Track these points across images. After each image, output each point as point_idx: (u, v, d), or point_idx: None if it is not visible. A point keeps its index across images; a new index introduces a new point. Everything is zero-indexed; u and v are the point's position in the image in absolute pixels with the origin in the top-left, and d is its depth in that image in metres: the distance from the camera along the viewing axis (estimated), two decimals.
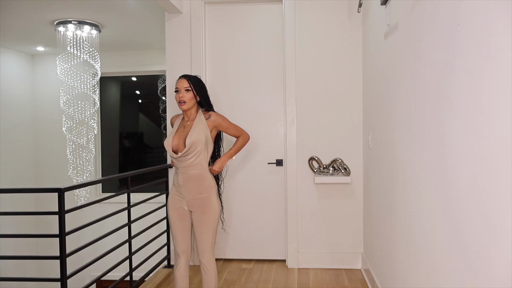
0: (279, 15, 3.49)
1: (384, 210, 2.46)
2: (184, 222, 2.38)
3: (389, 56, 2.27)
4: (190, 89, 2.34)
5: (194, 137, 2.29)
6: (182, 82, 2.34)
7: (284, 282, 3.10)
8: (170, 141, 2.36)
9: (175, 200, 2.38)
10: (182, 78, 2.37)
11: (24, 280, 2.28)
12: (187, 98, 2.32)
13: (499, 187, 0.99)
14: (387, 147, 2.35)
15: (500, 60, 0.98)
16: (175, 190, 2.40)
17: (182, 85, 2.33)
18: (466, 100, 1.19)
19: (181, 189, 2.34)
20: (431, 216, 1.53)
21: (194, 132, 2.31)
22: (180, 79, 2.37)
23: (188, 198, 2.33)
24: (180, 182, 2.34)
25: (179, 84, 2.35)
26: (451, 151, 1.31)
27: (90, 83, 4.60)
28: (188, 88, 2.33)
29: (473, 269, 1.16)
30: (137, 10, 3.91)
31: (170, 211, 2.39)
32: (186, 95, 2.32)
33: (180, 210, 2.37)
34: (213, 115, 2.39)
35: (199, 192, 2.32)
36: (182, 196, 2.35)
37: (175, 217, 2.38)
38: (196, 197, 2.32)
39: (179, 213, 2.37)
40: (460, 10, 1.23)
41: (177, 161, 2.34)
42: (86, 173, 4.77)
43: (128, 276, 2.87)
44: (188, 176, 2.33)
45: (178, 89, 2.34)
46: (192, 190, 2.33)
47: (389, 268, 2.35)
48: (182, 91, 2.33)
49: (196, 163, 2.33)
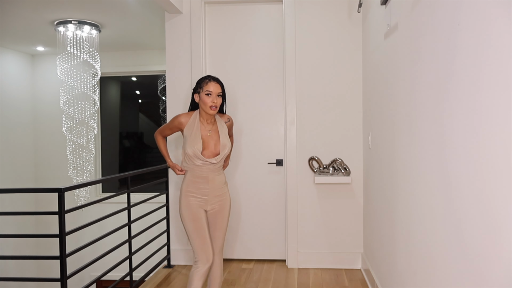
0: (279, 15, 3.49)
1: (384, 210, 2.46)
2: (206, 225, 2.31)
3: (389, 56, 2.27)
4: (221, 95, 2.30)
5: (226, 142, 2.32)
6: (215, 87, 2.27)
7: (284, 282, 3.10)
8: (201, 147, 2.27)
9: (195, 204, 2.28)
10: (215, 82, 2.29)
11: (24, 280, 2.28)
12: (218, 103, 2.28)
13: (499, 187, 0.99)
14: (387, 147, 2.35)
15: (500, 60, 0.98)
16: (193, 194, 2.29)
17: (216, 90, 2.26)
18: (466, 99, 1.19)
19: (203, 191, 2.28)
20: (431, 216, 1.53)
21: (223, 136, 2.33)
22: (213, 83, 2.29)
23: (211, 197, 2.30)
24: (204, 185, 2.29)
25: (213, 87, 2.26)
26: (451, 151, 1.31)
27: (90, 83, 4.60)
28: (220, 94, 2.29)
29: (473, 269, 1.16)
30: (137, 10, 3.91)
31: (193, 216, 2.27)
32: (218, 101, 2.27)
33: (202, 213, 2.30)
34: (231, 119, 2.45)
35: (220, 188, 2.34)
36: (202, 197, 2.29)
37: (201, 221, 2.27)
38: (217, 194, 2.33)
39: (202, 216, 2.29)
40: (460, 10, 1.23)
41: (206, 165, 2.29)
42: (86, 173, 4.77)
43: (128, 276, 2.87)
44: (214, 177, 2.31)
45: (210, 93, 2.25)
46: (215, 189, 2.32)
47: (389, 268, 2.35)
48: (214, 95, 2.26)
49: (220, 164, 2.36)
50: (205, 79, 2.30)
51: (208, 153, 2.29)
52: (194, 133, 2.28)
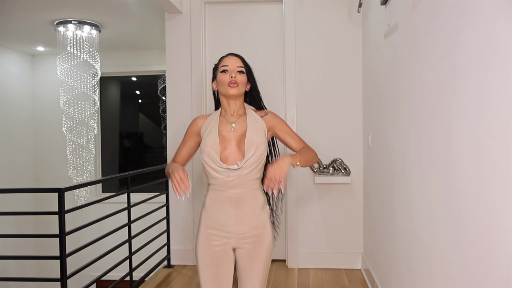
0: (279, 15, 3.49)
1: (384, 210, 2.46)
2: (224, 266, 1.61)
3: (389, 56, 2.27)
4: (244, 72, 1.69)
5: (255, 137, 1.61)
6: (233, 60, 1.69)
7: (284, 282, 3.10)
8: (218, 147, 1.59)
9: (214, 241, 1.61)
10: (232, 55, 1.72)
11: (24, 280, 2.28)
12: (240, 80, 1.66)
13: (500, 187, 0.99)
14: (387, 147, 2.35)
15: (500, 60, 0.98)
16: (212, 225, 1.63)
17: (234, 63, 1.67)
18: (466, 99, 1.19)
19: (226, 217, 1.60)
20: (431, 216, 1.53)
21: (252, 130, 1.62)
22: (230, 56, 1.71)
23: (239, 229, 1.60)
24: (226, 212, 1.60)
25: (230, 61, 1.68)
26: (451, 151, 1.31)
27: (90, 83, 4.60)
28: (241, 69, 1.68)
29: (473, 269, 1.15)
30: (137, 10, 3.91)
31: (210, 261, 1.61)
32: (239, 77, 1.66)
33: (225, 255, 1.60)
34: (270, 113, 1.74)
35: (254, 219, 1.61)
36: (225, 233, 1.61)
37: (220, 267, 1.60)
38: (250, 226, 1.61)
39: (224, 260, 1.60)
40: (460, 10, 1.23)
41: (227, 175, 1.59)
42: (86, 173, 4.78)
43: (128, 276, 2.88)
44: (242, 197, 1.59)
45: (226, 69, 1.66)
46: (245, 218, 1.60)
47: (389, 268, 2.35)
48: (233, 71, 1.66)
49: (253, 177, 1.61)
50: (221, 57, 1.75)
51: (229, 155, 1.61)
52: (210, 130, 1.66)
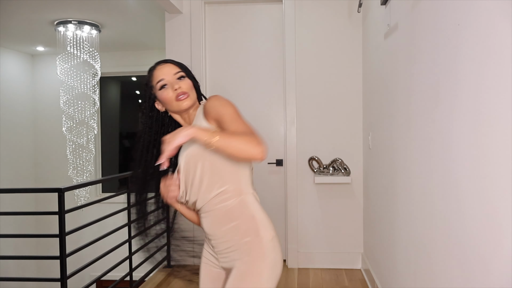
0: (279, 15, 3.49)
1: (384, 210, 2.46)
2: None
3: (389, 56, 2.27)
4: (185, 75, 1.41)
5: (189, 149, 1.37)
6: (166, 69, 1.40)
7: (284, 282, 3.10)
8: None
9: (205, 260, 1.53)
10: (164, 63, 1.43)
11: (24, 280, 2.28)
12: (186, 87, 1.39)
13: (500, 187, 0.99)
14: (387, 147, 2.35)
15: (500, 60, 0.98)
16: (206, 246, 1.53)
17: (169, 72, 1.39)
18: (466, 99, 1.19)
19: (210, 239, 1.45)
20: (431, 216, 1.53)
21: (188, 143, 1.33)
22: (160, 66, 1.42)
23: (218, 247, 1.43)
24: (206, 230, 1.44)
25: (163, 72, 1.39)
26: (451, 151, 1.31)
27: (90, 83, 4.60)
28: (180, 74, 1.40)
29: (473, 269, 1.15)
30: (137, 10, 3.91)
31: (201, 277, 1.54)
32: (183, 84, 1.38)
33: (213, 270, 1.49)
34: (209, 99, 1.40)
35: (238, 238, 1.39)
36: (211, 250, 1.48)
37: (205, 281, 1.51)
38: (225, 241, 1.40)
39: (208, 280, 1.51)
40: (460, 10, 1.23)
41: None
42: (86, 173, 4.77)
43: (128, 276, 2.87)
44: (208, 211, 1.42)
45: (164, 83, 1.38)
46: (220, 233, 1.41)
47: (389, 268, 2.35)
48: (172, 81, 1.38)
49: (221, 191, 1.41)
50: (150, 70, 1.46)
51: None
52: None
